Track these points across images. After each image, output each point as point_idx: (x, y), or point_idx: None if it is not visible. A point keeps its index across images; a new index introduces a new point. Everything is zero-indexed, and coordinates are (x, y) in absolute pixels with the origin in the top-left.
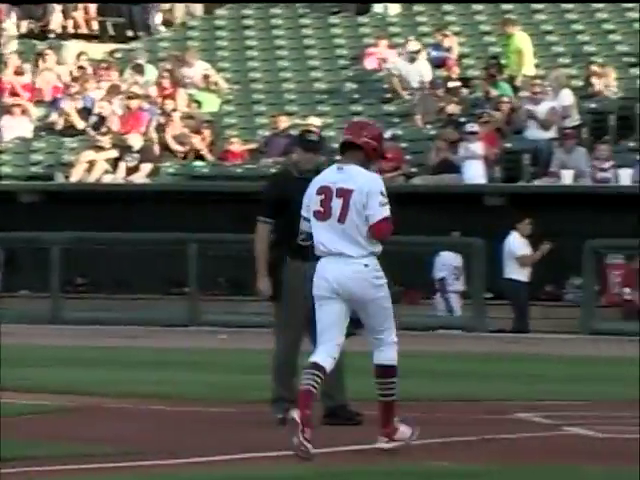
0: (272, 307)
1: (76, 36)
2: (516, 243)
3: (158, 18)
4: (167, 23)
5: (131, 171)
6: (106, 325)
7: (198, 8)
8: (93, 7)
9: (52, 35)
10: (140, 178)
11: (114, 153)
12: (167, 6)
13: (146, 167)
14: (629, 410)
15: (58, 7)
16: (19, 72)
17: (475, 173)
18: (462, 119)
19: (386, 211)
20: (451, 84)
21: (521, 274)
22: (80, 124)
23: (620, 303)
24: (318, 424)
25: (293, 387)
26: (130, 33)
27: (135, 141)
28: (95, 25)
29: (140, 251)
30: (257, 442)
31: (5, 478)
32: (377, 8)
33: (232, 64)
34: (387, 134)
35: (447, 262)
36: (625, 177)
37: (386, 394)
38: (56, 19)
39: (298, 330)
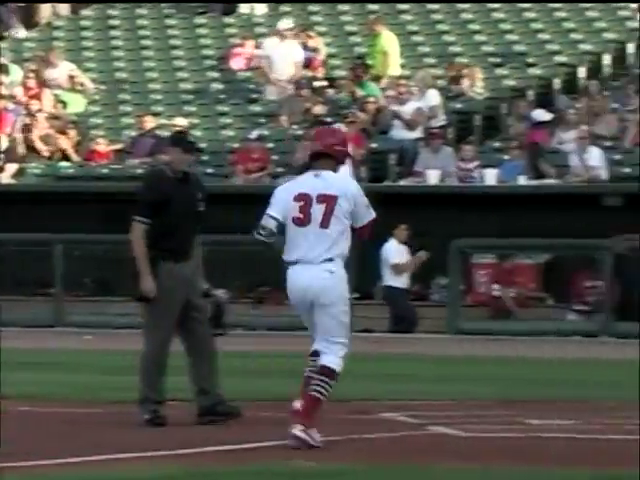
0: (142, 308)
1: None
2: (392, 250)
3: (22, 18)
4: (32, 23)
5: None
6: None
7: (64, 8)
8: None
9: None
10: (5, 178)
11: None
12: (33, 6)
13: (11, 167)
14: (494, 409)
15: None
16: None
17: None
18: (328, 119)
19: (372, 214)
20: (317, 84)
21: (398, 281)
22: None
23: (487, 302)
24: (193, 423)
25: (161, 388)
26: None
27: (0, 142)
28: None
29: (5, 252)
30: (128, 442)
31: None
32: (243, 8)
33: (98, 64)
34: (253, 134)
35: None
36: (490, 177)
37: (319, 390)
38: None
39: (168, 331)
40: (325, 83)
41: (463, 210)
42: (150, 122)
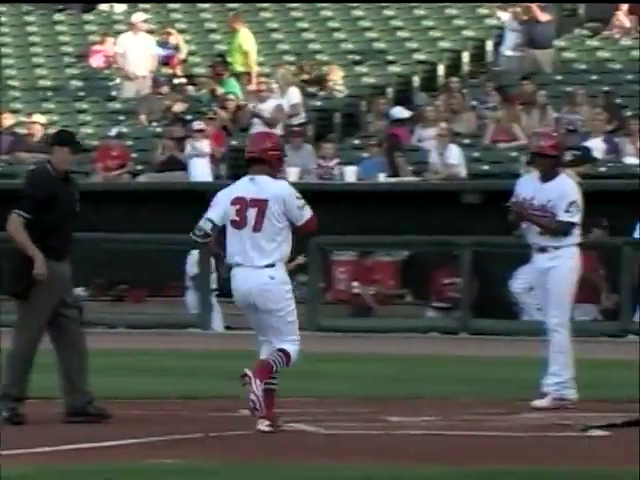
0: (17, 305)
1: None
2: None
3: None
4: None
5: None
6: None
7: None
8: None
9: None
10: None
11: None
12: None
13: None
14: (354, 406)
15: None
16: None
17: (201, 171)
18: (188, 117)
19: (308, 212)
20: (177, 82)
21: None
22: None
23: (347, 299)
24: (58, 421)
25: (24, 386)
26: None
27: None
28: None
29: None
30: None
31: None
32: (103, 6)
33: None
34: (112, 132)
35: None
36: (350, 174)
37: (274, 360)
38: None
39: (40, 329)
40: (184, 80)
41: (323, 207)
42: (8, 119)
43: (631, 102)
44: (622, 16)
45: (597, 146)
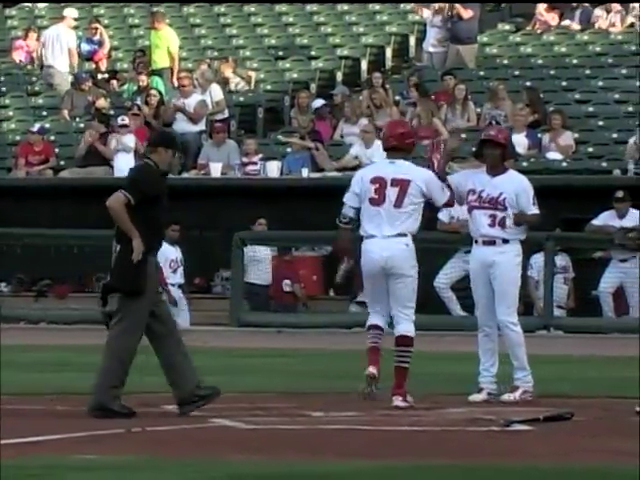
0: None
1: None
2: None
3: None
4: None
5: None
6: None
7: None
8: None
9: None
10: None
11: None
12: None
13: None
14: (277, 401)
15: None
16: None
17: (126, 166)
18: (112, 112)
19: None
20: (100, 77)
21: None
22: None
23: (273, 295)
24: None
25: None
26: None
27: None
28: None
29: None
30: None
31: None
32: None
33: None
34: (35, 127)
35: (164, 255)
36: (273, 169)
37: (403, 360)
38: None
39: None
40: (107, 76)
41: (246, 203)
42: None
43: (554, 97)
44: (544, 12)
45: (520, 141)
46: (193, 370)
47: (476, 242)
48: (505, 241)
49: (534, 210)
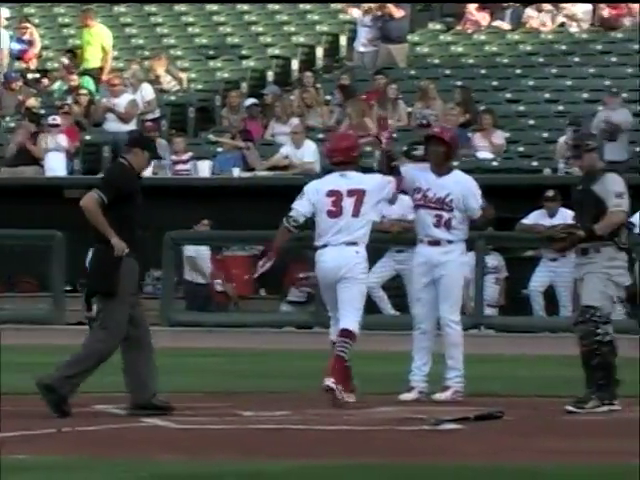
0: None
1: None
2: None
3: None
4: None
5: None
6: None
7: None
8: None
9: None
10: None
11: None
12: None
13: None
14: (206, 401)
15: None
16: None
17: (56, 165)
18: (42, 111)
19: None
20: (30, 76)
21: None
22: None
23: (212, 295)
24: None
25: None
26: None
27: None
28: None
29: None
30: None
31: None
32: None
33: None
34: None
35: None
36: (204, 169)
37: (342, 350)
38: None
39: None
40: (38, 75)
41: (177, 202)
42: None
43: (484, 97)
44: (475, 11)
45: None
46: (154, 378)
47: (421, 241)
48: (449, 242)
49: (484, 206)
